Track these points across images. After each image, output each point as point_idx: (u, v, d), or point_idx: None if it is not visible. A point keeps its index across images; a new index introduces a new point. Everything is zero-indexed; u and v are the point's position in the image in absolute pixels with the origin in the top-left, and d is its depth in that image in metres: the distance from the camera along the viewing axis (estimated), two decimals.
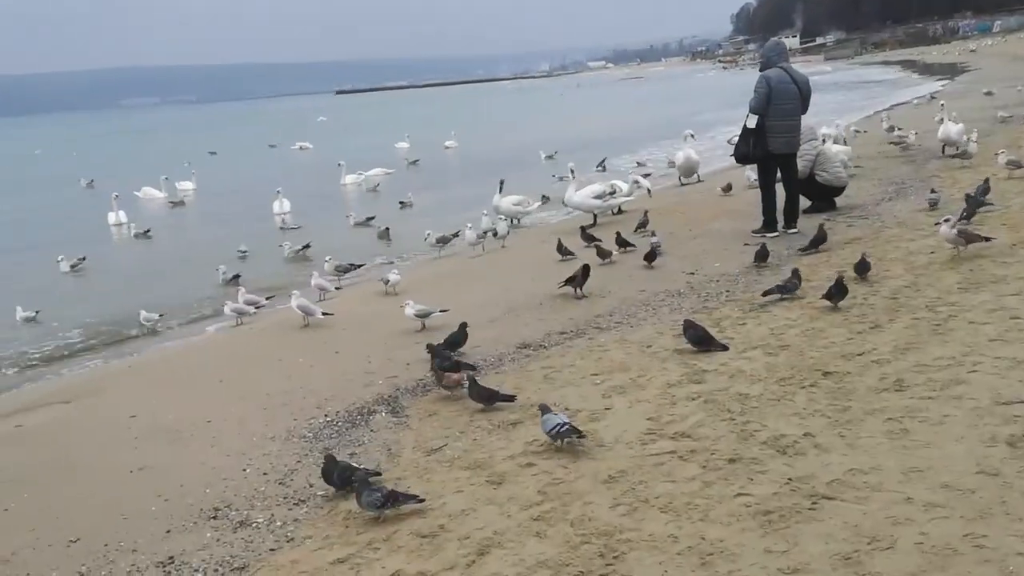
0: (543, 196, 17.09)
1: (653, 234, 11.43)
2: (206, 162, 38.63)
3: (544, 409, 5.54)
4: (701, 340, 6.92)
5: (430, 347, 7.21)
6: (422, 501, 4.78)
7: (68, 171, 36.54)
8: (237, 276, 13.72)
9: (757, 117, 11.21)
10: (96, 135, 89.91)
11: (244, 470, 5.67)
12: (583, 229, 12.26)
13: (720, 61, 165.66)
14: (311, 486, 5.31)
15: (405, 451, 5.69)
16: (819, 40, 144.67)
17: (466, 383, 6.50)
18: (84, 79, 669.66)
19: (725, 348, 6.88)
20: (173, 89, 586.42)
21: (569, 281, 10.66)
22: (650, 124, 39.61)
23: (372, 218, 17.75)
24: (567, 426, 5.31)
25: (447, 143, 36.39)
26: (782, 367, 6.30)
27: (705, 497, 4.48)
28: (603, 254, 10.77)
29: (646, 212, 12.72)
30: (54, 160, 50.73)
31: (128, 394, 7.57)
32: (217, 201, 25.49)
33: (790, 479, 4.54)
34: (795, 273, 8.31)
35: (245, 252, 15.00)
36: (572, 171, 14.43)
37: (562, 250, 11.28)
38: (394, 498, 4.72)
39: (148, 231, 19.17)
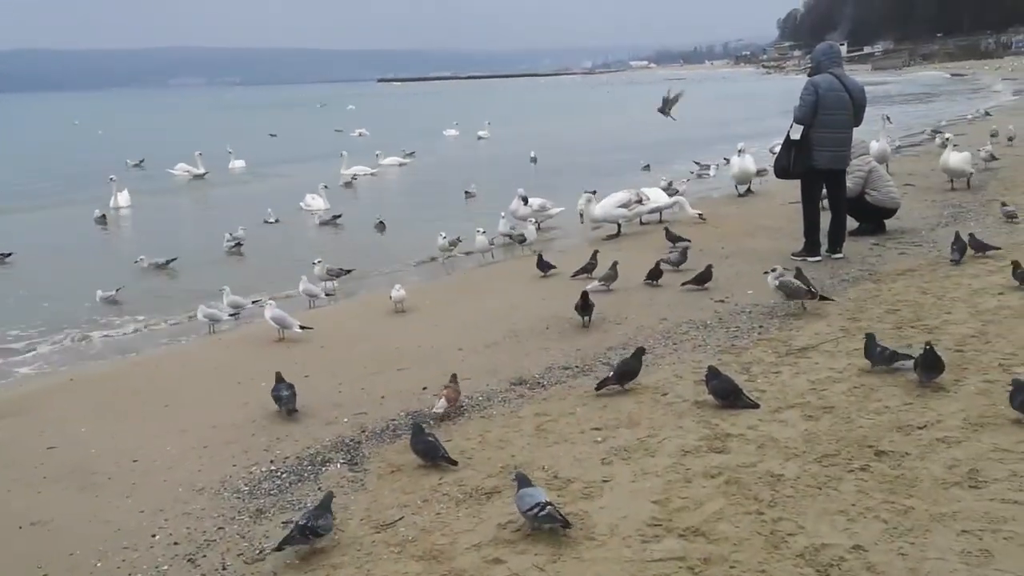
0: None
1: (673, 251, 10.36)
2: (270, 144, 38.03)
3: (522, 480, 4.45)
4: (727, 394, 5.77)
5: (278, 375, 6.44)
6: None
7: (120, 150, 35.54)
8: (240, 244, 14.04)
9: (801, 128, 10.02)
10: (143, 112, 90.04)
11: (154, 535, 4.61)
12: (668, 230, 11.60)
13: (764, 66, 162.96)
14: (224, 569, 4.24)
15: (351, 522, 4.60)
16: (866, 49, 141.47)
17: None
18: (136, 58, 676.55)
19: (755, 406, 5.73)
20: (219, 70, 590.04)
21: (584, 271, 9.99)
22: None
23: (338, 216, 16.96)
24: (548, 508, 4.21)
25: (480, 133, 36.83)
26: (824, 438, 5.14)
27: None
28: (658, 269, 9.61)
29: (595, 253, 10.53)
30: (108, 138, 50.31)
31: (57, 416, 6.55)
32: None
33: None
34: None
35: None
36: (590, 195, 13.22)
37: (543, 265, 10.24)
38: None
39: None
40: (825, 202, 10.48)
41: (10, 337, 9.76)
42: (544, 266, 10.25)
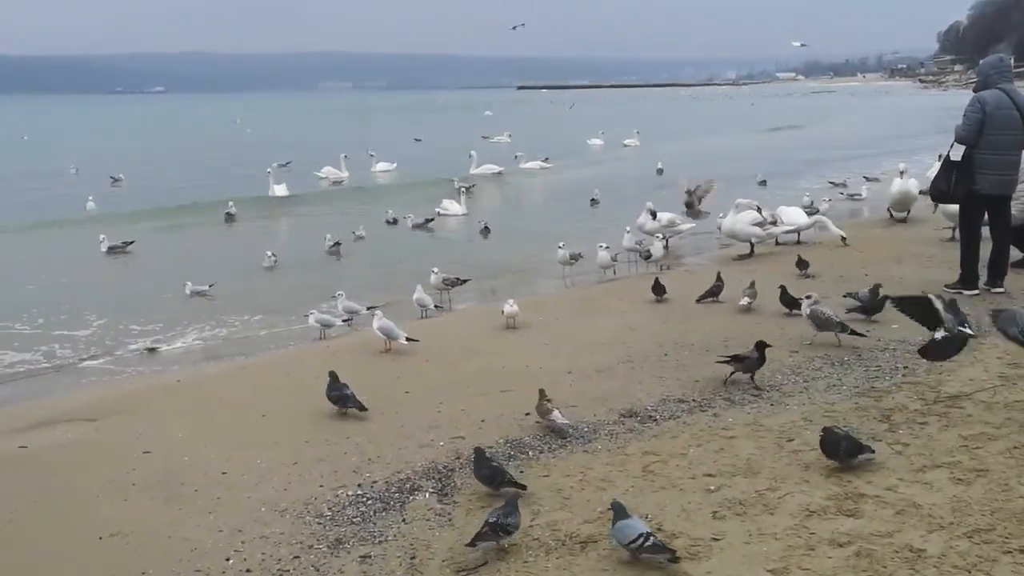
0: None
1: (853, 295, 8.73)
2: (416, 149, 38.53)
3: (618, 511, 4.14)
4: (843, 454, 5.05)
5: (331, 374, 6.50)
6: None
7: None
8: (338, 244, 14.13)
9: (964, 148, 9.07)
10: (296, 112, 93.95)
11: (228, 559, 4.39)
12: (800, 257, 10.74)
13: (921, 80, 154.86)
14: None
15: (431, 564, 4.25)
16: None
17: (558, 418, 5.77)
18: (288, 61, 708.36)
19: (871, 452, 5.02)
20: (363, 75, 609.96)
21: (710, 294, 9.54)
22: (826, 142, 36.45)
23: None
24: (652, 539, 3.93)
25: (626, 141, 37.08)
26: (977, 508, 4.43)
27: None
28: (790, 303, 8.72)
29: (719, 274, 9.91)
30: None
31: (158, 419, 6.52)
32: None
33: None
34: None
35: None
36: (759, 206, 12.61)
37: (659, 288, 9.64)
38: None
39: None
40: (986, 230, 9.48)
41: (133, 331, 9.99)
42: (659, 290, 9.65)
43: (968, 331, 6.14)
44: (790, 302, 8.65)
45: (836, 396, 6.33)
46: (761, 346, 6.59)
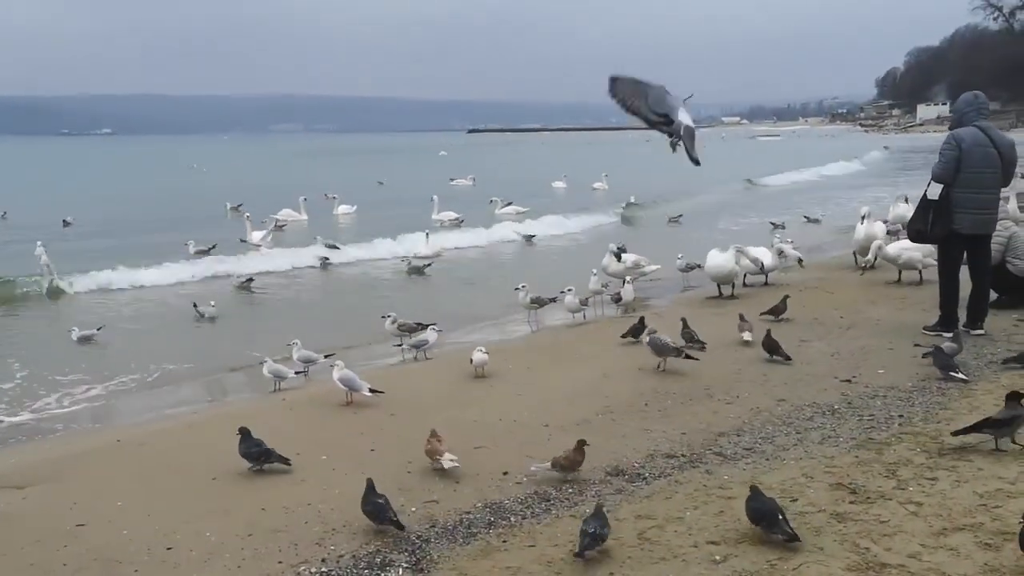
0: None
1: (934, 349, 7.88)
2: (379, 192, 37.51)
3: None
4: (761, 516, 4.60)
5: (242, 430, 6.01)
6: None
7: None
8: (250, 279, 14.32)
9: (941, 187, 8.88)
10: (248, 156, 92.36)
11: None
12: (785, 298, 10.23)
13: (861, 124, 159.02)
14: None
15: None
16: None
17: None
18: (239, 104, 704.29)
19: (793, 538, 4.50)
20: (314, 117, 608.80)
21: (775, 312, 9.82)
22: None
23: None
24: None
25: (595, 184, 35.80)
26: None
27: None
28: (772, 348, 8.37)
29: (785, 297, 10.25)
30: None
31: (95, 485, 5.84)
32: None
33: None
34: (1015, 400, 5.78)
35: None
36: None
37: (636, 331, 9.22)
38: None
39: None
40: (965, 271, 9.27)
41: (60, 381, 9.27)
42: (636, 332, 9.23)
43: None
44: (772, 347, 8.29)
45: (834, 449, 5.93)
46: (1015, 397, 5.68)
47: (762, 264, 12.25)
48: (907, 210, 14.11)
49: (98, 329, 11.35)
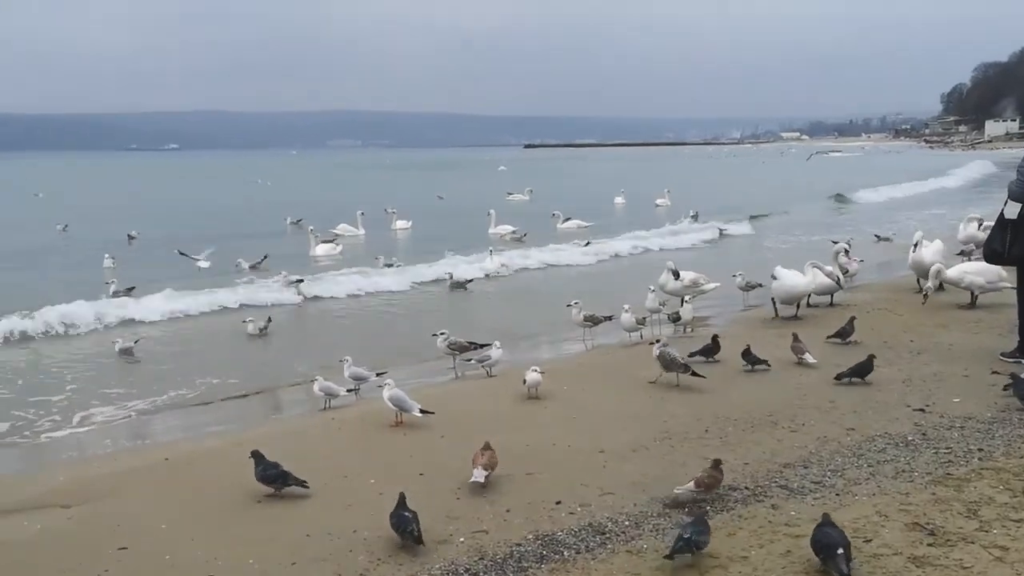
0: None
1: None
2: (439, 207, 37.39)
3: None
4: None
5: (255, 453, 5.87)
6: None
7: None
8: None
9: (1020, 206, 8.43)
10: (311, 170, 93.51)
11: None
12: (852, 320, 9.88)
13: (927, 140, 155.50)
14: None
15: None
16: None
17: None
18: (298, 120, 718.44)
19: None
20: (372, 133, 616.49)
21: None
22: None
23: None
24: None
25: (658, 200, 34.89)
26: None
27: None
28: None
29: (852, 319, 9.84)
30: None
31: (140, 506, 5.74)
32: None
33: None
34: None
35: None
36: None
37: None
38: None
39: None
40: None
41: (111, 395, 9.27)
42: (709, 352, 9.00)
43: None
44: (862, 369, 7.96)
45: (908, 484, 5.56)
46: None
47: (838, 278, 11.78)
48: (977, 231, 13.61)
49: (136, 342, 11.38)
